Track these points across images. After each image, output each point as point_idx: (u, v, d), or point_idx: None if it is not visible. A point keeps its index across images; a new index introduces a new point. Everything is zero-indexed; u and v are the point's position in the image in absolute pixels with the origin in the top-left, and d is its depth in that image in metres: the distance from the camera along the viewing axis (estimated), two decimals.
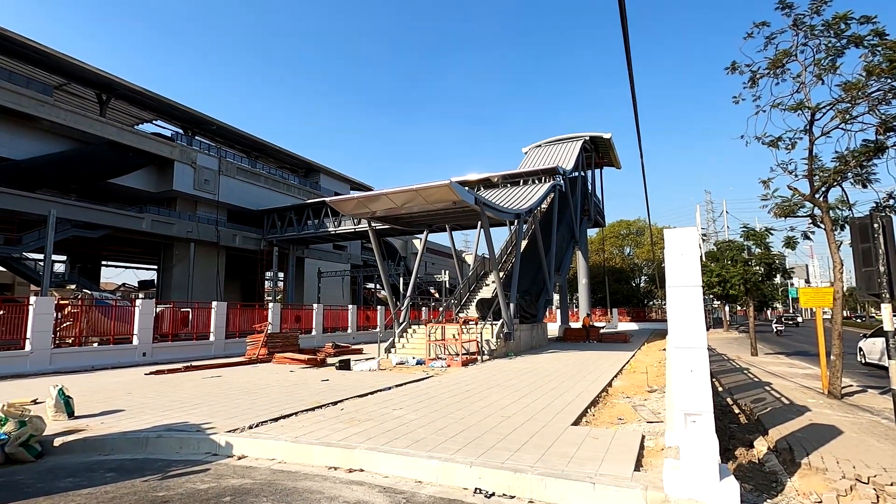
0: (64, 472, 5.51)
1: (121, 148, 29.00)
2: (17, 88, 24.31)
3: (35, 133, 26.05)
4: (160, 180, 31.92)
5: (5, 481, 5.20)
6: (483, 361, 15.03)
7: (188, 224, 31.70)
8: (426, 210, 16.42)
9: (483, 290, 22.94)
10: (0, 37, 24.50)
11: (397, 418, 7.16)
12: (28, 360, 12.86)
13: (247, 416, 7.29)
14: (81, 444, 6.27)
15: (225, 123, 36.34)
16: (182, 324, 17.45)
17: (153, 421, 7.19)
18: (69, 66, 27.48)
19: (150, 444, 6.24)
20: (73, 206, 26.42)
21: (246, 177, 36.69)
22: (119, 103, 31.81)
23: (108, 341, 15.40)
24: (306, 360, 14.07)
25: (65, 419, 7.15)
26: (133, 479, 5.23)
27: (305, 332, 21.69)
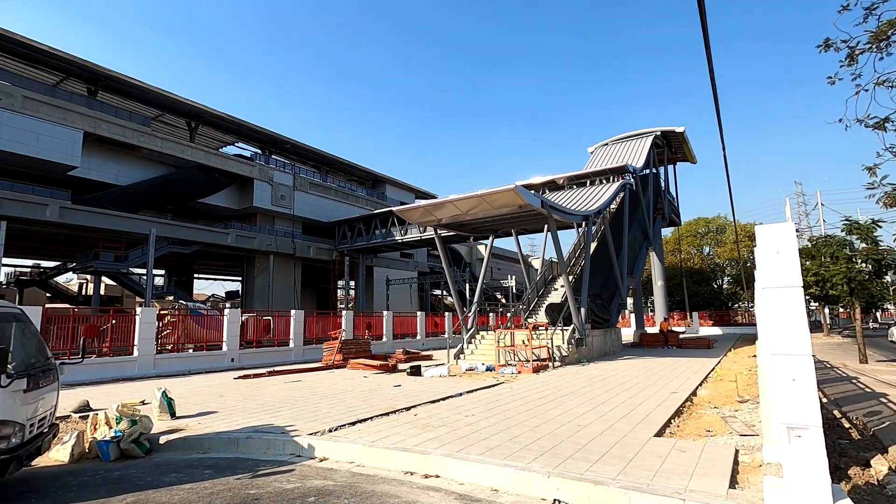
0: (169, 467, 6.02)
1: (208, 170, 31.63)
2: (122, 122, 27.29)
3: (136, 160, 29.07)
4: (242, 198, 34.39)
5: (121, 474, 5.77)
6: (554, 368, 14.65)
7: (267, 238, 33.85)
8: (491, 215, 16.36)
9: (552, 295, 22.42)
10: (109, 77, 27.68)
11: (470, 425, 7.14)
12: (136, 365, 14.29)
13: (326, 420, 7.59)
14: (182, 443, 6.83)
15: (298, 141, 38.56)
16: (264, 331, 18.60)
17: (243, 422, 7.68)
18: (165, 100, 30.47)
19: (241, 444, 6.66)
20: (169, 225, 29.12)
21: (318, 191, 38.60)
22: (206, 129, 34.77)
23: (202, 347, 16.74)
24: (379, 365, 14.45)
25: (168, 419, 7.83)
26: (227, 476, 5.61)
27: (376, 339, 22.31)
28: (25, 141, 22.91)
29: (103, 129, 26.12)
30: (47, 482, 5.52)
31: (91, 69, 27.07)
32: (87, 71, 27.28)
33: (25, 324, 5.59)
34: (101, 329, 14.76)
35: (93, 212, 25.62)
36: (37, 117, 23.38)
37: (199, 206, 33.15)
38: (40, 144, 23.47)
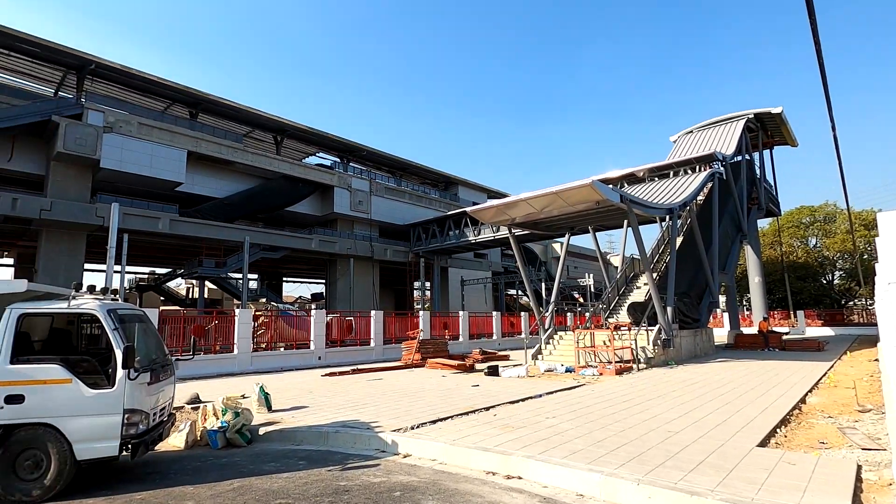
0: (268, 457, 6.51)
1: (293, 180, 33.82)
2: (219, 140, 29.97)
3: (231, 174, 31.78)
4: (323, 204, 36.37)
5: (227, 461, 6.33)
6: (639, 370, 13.95)
7: (347, 242, 35.50)
8: (567, 212, 15.93)
9: (634, 294, 21.37)
10: (207, 100, 30.55)
11: (551, 427, 6.99)
12: (236, 362, 15.61)
13: (408, 418, 7.80)
14: (279, 434, 7.35)
15: (373, 148, 40.07)
16: (347, 331, 19.51)
17: (331, 417, 8.11)
18: (254, 117, 33.07)
19: (331, 438, 7.04)
20: (260, 233, 31.50)
21: (393, 195, 39.84)
22: (290, 142, 37.21)
23: (292, 346, 17.92)
24: (456, 365, 14.61)
25: (265, 412, 8.46)
26: (320, 468, 5.95)
27: (453, 339, 22.57)
28: (141, 162, 25.90)
29: (203, 147, 28.84)
30: (167, 465, 6.19)
31: (193, 94, 30.02)
32: (189, 96, 30.30)
33: (147, 324, 6.31)
34: (206, 329, 16.31)
35: (197, 223, 28.37)
36: (150, 140, 26.34)
37: (286, 214, 35.50)
38: (153, 164, 26.41)
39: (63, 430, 4.90)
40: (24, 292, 5.24)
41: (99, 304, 5.37)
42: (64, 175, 24.33)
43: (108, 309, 5.37)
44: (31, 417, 4.86)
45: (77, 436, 4.93)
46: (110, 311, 5.37)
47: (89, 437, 4.96)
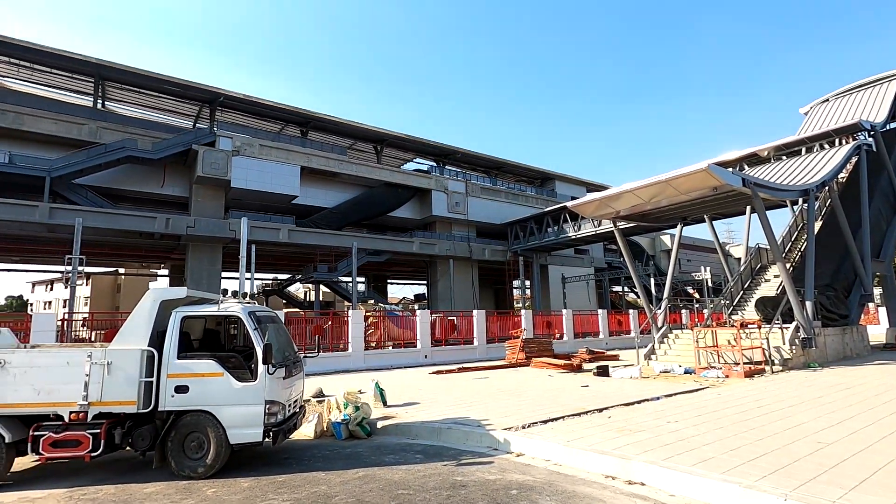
0: (387, 449, 6.88)
1: (393, 186, 35.44)
2: (326, 154, 32.39)
3: (337, 185, 34.15)
4: (422, 208, 37.60)
5: (351, 451, 6.80)
6: (773, 373, 12.47)
7: (446, 243, 36.32)
8: (678, 202, 14.75)
9: (762, 287, 19.14)
10: (316, 119, 33.25)
11: (674, 432, 6.52)
12: (350, 359, 16.73)
13: (518, 416, 7.76)
14: (395, 428, 7.73)
15: (468, 150, 40.56)
16: (451, 330, 19.95)
17: (442, 414, 8.34)
18: (356, 130, 35.31)
19: (443, 434, 7.24)
20: (365, 238, 33.45)
21: (489, 195, 39.98)
22: (389, 150, 39.06)
23: (399, 345, 18.74)
24: (563, 365, 14.23)
25: (381, 407, 8.95)
26: (435, 462, 6.15)
27: (557, 338, 22.02)
28: (262, 179, 28.86)
29: (314, 162, 31.35)
30: (300, 452, 6.81)
31: (303, 114, 32.83)
32: (300, 116, 33.17)
33: (279, 324, 7.01)
34: (324, 329, 17.68)
35: (310, 232, 30.91)
36: (269, 160, 29.25)
37: (388, 220, 37.28)
38: (272, 181, 29.29)
39: (219, 417, 5.62)
40: (185, 298, 6.10)
41: (241, 307, 6.09)
42: (203, 195, 27.92)
43: (248, 311, 6.06)
44: (194, 405, 5.65)
45: (230, 422, 5.62)
46: (250, 313, 6.06)
47: (239, 424, 5.64)
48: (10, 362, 5.42)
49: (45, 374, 5.49)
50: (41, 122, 24.05)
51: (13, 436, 5.37)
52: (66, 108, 26.24)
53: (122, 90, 29.75)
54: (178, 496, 5.07)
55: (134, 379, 5.52)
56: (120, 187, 26.48)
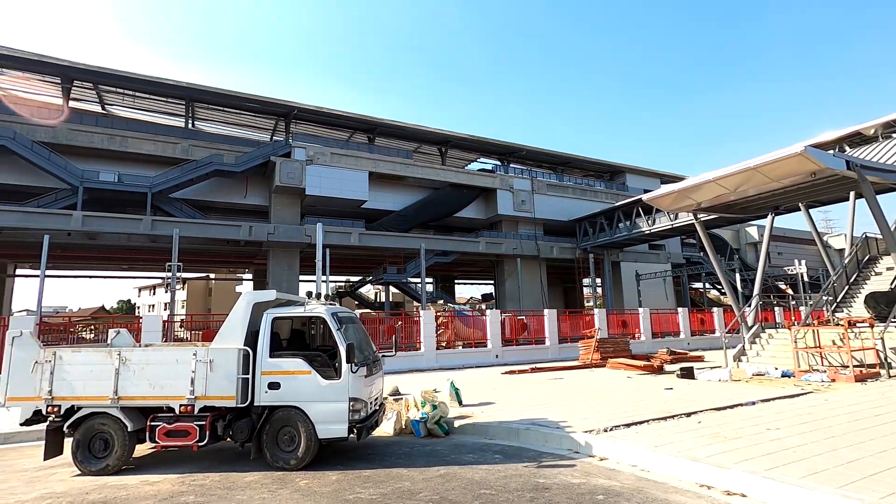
0: (465, 448, 6.91)
1: (458, 187, 35.65)
2: (392, 159, 33.25)
3: (403, 188, 34.92)
4: (487, 207, 37.48)
5: (431, 449, 6.90)
6: (891, 377, 11.13)
7: (513, 242, 35.95)
8: (768, 190, 13.57)
9: (872, 281, 17.14)
10: (382, 125, 34.23)
11: (776, 440, 6.01)
12: (423, 359, 17.02)
13: (598, 419, 7.51)
14: (472, 428, 7.76)
15: (533, 147, 39.92)
16: (521, 330, 19.71)
17: (518, 414, 8.26)
18: (420, 133, 35.94)
19: (521, 435, 7.16)
20: (432, 240, 33.91)
21: (555, 191, 39.08)
22: (453, 151, 39.34)
23: (470, 345, 18.80)
24: (642, 366, 13.59)
25: (457, 406, 9.02)
26: (515, 463, 6.09)
27: (633, 338, 21.07)
28: (334, 186, 30.15)
29: (381, 167, 32.29)
30: (382, 448, 7.01)
31: (369, 121, 33.93)
32: (367, 124, 34.31)
33: (358, 325, 7.28)
34: (396, 328, 18.14)
35: (379, 235, 31.85)
36: (339, 167, 30.51)
37: (454, 220, 37.54)
38: (343, 187, 30.51)
39: (307, 413, 5.93)
40: (274, 300, 6.51)
41: (325, 308, 6.39)
42: (281, 204, 29.66)
43: (331, 312, 6.35)
44: (286, 401, 6.00)
45: (317, 417, 5.92)
46: (333, 314, 6.34)
47: (326, 420, 5.91)
48: (130, 359, 6.06)
49: (158, 370, 6.07)
50: (143, 144, 26.71)
51: (134, 425, 5.99)
52: (162, 130, 28.96)
53: (208, 110, 32.34)
54: (273, 486, 5.40)
55: (232, 376, 5.96)
56: (209, 199, 28.77)
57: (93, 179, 24.57)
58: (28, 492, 5.40)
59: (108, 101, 31.00)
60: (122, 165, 26.58)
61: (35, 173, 23.99)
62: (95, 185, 24.56)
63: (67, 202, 24.27)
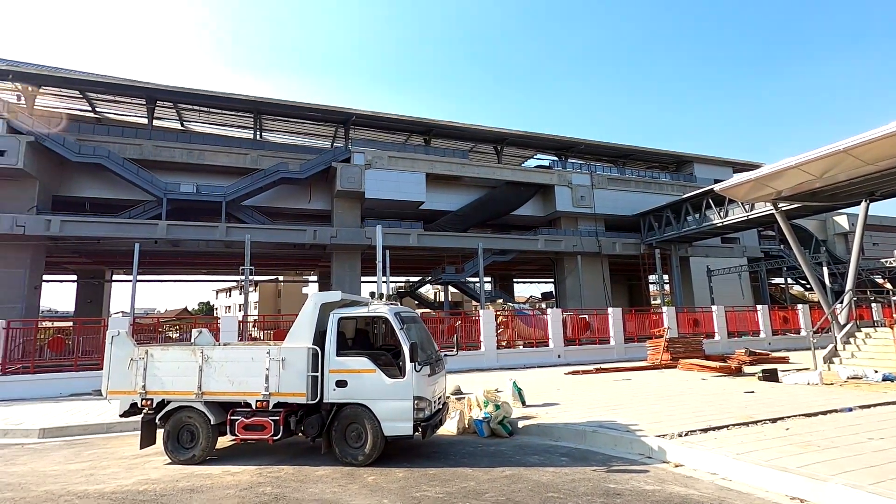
0: (530, 449, 6.79)
1: (515, 185, 35.26)
2: (449, 159, 33.44)
3: (460, 188, 35.00)
4: (545, 204, 36.76)
5: (495, 450, 6.85)
6: None
7: (573, 239, 35.00)
8: (862, 174, 12.30)
9: None
10: (437, 126, 34.58)
11: (880, 451, 5.42)
12: (483, 358, 16.97)
13: (671, 423, 7.13)
14: (536, 429, 7.62)
15: (591, 140, 38.72)
16: (584, 329, 19.15)
17: (584, 416, 8.01)
18: (476, 133, 35.93)
19: (588, 437, 6.93)
20: (490, 239, 33.74)
21: (616, 185, 37.64)
22: (509, 149, 38.96)
23: (531, 344, 18.51)
24: (718, 367, 12.76)
25: (520, 406, 8.90)
26: (583, 466, 5.90)
27: (706, 337, 19.85)
28: (391, 188, 30.79)
29: (437, 168, 32.58)
30: (446, 447, 7.04)
31: (425, 123, 34.34)
32: (423, 126, 34.74)
33: (420, 324, 7.35)
34: (456, 327, 18.20)
35: (437, 235, 32.14)
36: (396, 170, 31.11)
37: (511, 219, 37.15)
38: (400, 189, 31.09)
39: (374, 410, 6.07)
40: (339, 301, 6.72)
41: (388, 308, 6.51)
42: (343, 207, 30.69)
43: (394, 312, 6.46)
44: (352, 398, 6.17)
45: (383, 415, 6.04)
46: (396, 313, 6.45)
47: (391, 418, 6.02)
48: (211, 357, 6.48)
49: (236, 367, 6.45)
50: (217, 156, 28.61)
51: (216, 419, 6.41)
52: (233, 142, 30.89)
53: (273, 121, 34.10)
54: (343, 480, 5.57)
55: (303, 373, 6.21)
56: (276, 205, 30.31)
57: (175, 191, 26.63)
58: (128, 477, 5.92)
59: (186, 119, 33.49)
60: (199, 177, 28.58)
61: (126, 187, 26.35)
62: (177, 196, 26.60)
63: (153, 213, 26.44)
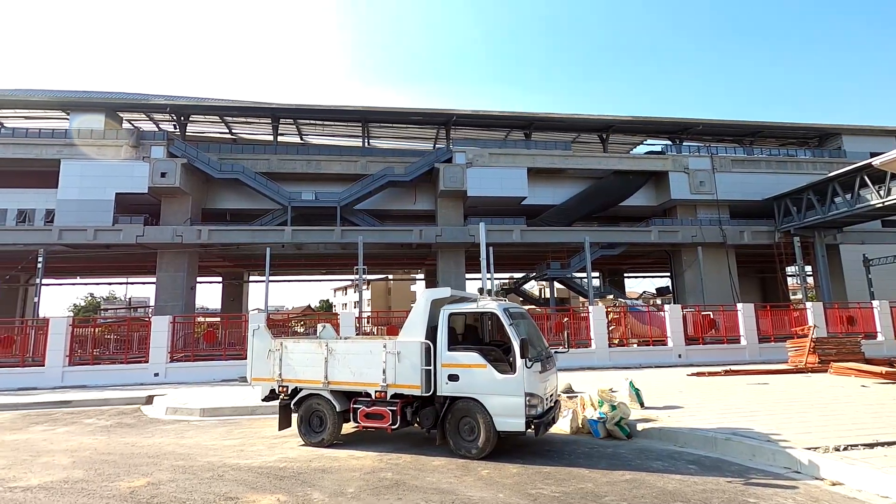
0: (652, 454, 6.36)
1: (623, 174, 33.26)
2: (550, 152, 32.55)
3: (563, 181, 33.87)
4: (658, 193, 34.14)
5: (612, 452, 6.53)
6: None
7: (691, 229, 32.08)
8: None
9: None
10: (537, 119, 33.91)
11: None
12: (595, 356, 16.30)
13: (824, 434, 6.22)
14: (658, 433, 7.12)
15: (710, 119, 35.13)
16: (709, 327, 17.47)
17: (714, 422, 7.30)
18: (578, 122, 34.60)
19: (720, 445, 6.31)
20: (597, 232, 32.22)
21: (743, 167, 33.72)
22: (615, 136, 36.84)
23: (647, 343, 17.35)
24: (884, 373, 10.84)
25: (638, 408, 8.38)
26: (715, 476, 5.39)
27: (865, 337, 16.98)
28: (493, 185, 30.81)
29: (539, 161, 31.91)
30: (560, 446, 6.87)
31: (525, 117, 33.87)
32: (522, 120, 34.29)
33: (529, 320, 7.27)
34: (563, 324, 17.71)
35: (541, 230, 31.51)
36: (497, 166, 31.05)
37: (620, 210, 35.11)
38: (502, 185, 30.98)
39: (485, 405, 6.13)
40: (449, 297, 6.89)
41: (497, 304, 6.53)
42: (446, 207, 31.44)
43: (503, 308, 6.46)
44: (464, 392, 6.29)
45: (495, 410, 6.07)
46: (505, 309, 6.44)
47: (503, 413, 6.03)
48: (335, 350, 7.04)
49: (356, 359, 6.93)
50: (331, 165, 30.98)
51: (341, 406, 6.94)
52: (345, 151, 33.22)
53: (379, 128, 36.01)
54: (458, 472, 5.71)
55: (417, 366, 6.47)
56: (384, 208, 31.98)
57: (297, 199, 29.35)
58: (270, 455, 6.66)
59: (304, 132, 36.73)
60: (317, 185, 31.16)
61: (257, 198, 29.62)
62: (299, 203, 29.30)
63: (280, 220, 29.40)
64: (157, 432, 8.48)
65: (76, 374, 15.01)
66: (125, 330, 18.55)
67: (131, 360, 16.17)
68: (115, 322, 25.72)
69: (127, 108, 30.90)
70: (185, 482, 5.48)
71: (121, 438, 8.01)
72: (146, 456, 6.74)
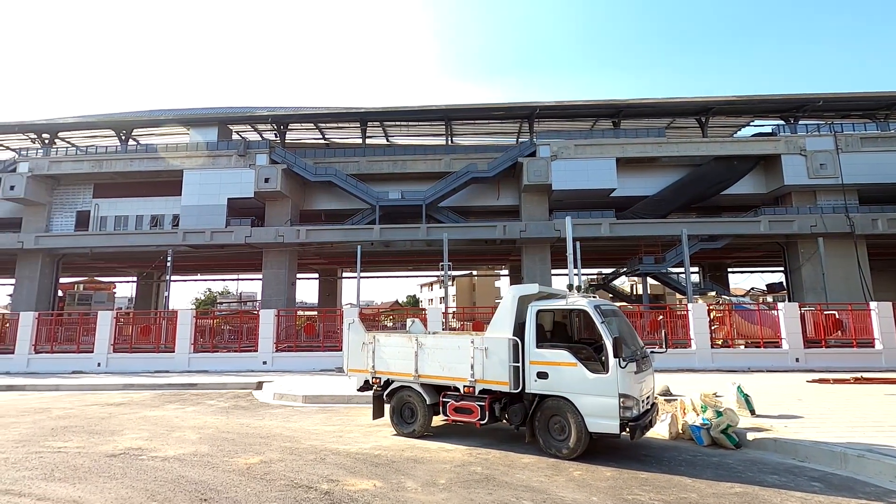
0: (766, 467, 5.79)
1: (725, 160, 30.39)
2: (642, 140, 30.66)
3: (656, 170, 31.72)
4: (768, 179, 30.78)
5: (718, 461, 6.04)
6: None
7: (809, 218, 28.52)
8: None
9: None
10: (626, 106, 32.12)
11: None
12: (695, 358, 15.15)
13: None
14: (773, 444, 6.46)
15: (833, 93, 30.89)
16: (833, 328, 15.46)
17: (842, 436, 6.47)
18: (672, 107, 32.19)
19: (852, 462, 5.58)
20: (696, 223, 29.80)
21: (874, 145, 29.28)
22: (715, 119, 33.76)
23: (757, 344, 15.78)
24: None
25: (748, 415, 7.67)
26: (846, 497, 4.79)
27: None
28: (579, 178, 29.70)
29: (629, 151, 30.20)
30: (658, 452, 6.49)
31: (613, 105, 32.21)
32: (610, 108, 32.65)
33: (621, 318, 6.94)
34: (659, 322, 16.67)
35: (632, 223, 29.83)
36: (583, 158, 29.89)
37: (722, 199, 32.18)
38: (589, 178, 29.78)
39: (576, 404, 5.96)
40: (536, 293, 6.78)
41: (587, 301, 6.31)
42: (530, 201, 30.93)
43: (594, 305, 6.23)
44: (554, 391, 6.17)
45: (586, 410, 5.88)
46: (596, 307, 6.21)
47: (595, 414, 5.83)
48: (424, 344, 7.24)
49: (445, 354, 7.07)
50: (416, 164, 31.81)
51: (430, 399, 7.13)
52: (429, 150, 33.92)
53: (462, 125, 36.28)
54: (549, 471, 5.61)
55: (505, 363, 6.46)
56: (468, 204, 32.20)
57: (385, 199, 30.55)
58: (366, 442, 7.03)
59: (390, 134, 38.09)
60: (403, 184, 32.17)
61: (348, 199, 31.27)
62: (386, 203, 30.47)
63: (369, 219, 30.78)
64: (267, 415, 9.30)
65: (199, 360, 16.94)
66: (238, 322, 20.57)
67: (243, 348, 17.91)
68: (228, 314, 28.58)
69: (235, 121, 34.10)
70: (292, 462, 5.96)
71: (237, 419, 8.90)
72: (258, 436, 7.42)
